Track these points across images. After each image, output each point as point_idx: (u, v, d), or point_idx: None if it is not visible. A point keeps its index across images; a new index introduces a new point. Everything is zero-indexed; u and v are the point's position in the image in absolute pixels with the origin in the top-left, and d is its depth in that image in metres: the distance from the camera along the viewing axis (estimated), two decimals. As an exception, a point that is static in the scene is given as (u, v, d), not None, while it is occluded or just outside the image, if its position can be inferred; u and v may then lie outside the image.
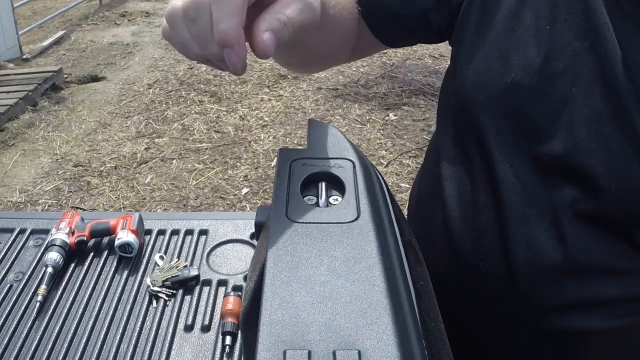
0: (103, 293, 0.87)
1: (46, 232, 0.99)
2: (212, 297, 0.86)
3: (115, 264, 0.93)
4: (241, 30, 0.40)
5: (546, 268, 0.60)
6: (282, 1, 0.44)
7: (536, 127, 0.59)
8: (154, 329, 0.81)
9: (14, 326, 0.81)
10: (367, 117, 3.78)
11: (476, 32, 0.64)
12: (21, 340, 0.79)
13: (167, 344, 0.78)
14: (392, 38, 0.73)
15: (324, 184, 0.49)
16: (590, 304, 0.60)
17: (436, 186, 0.73)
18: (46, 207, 2.98)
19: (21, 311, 0.84)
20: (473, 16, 0.64)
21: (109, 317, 0.83)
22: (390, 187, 0.69)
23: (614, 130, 0.55)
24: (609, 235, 0.57)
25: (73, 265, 0.93)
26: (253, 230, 0.98)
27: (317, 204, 0.46)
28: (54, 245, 0.91)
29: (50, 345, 0.78)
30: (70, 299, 0.86)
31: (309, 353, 0.33)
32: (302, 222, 0.44)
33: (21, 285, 0.88)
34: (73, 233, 0.95)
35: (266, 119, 3.81)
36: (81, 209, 2.94)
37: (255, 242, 0.96)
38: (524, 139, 0.60)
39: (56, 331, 0.80)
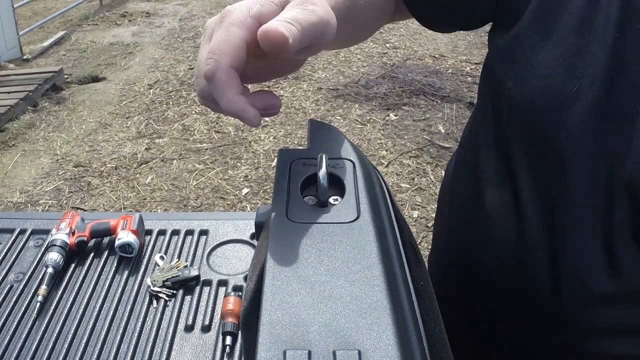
0: (103, 293, 0.87)
1: (46, 232, 0.99)
2: (212, 297, 0.86)
3: (115, 264, 0.93)
4: (240, 98, 0.43)
5: (595, 293, 0.57)
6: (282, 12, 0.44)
7: (598, 145, 0.54)
8: (155, 329, 0.81)
9: (14, 326, 0.81)
10: (368, 117, 3.78)
11: (535, 28, 0.58)
12: (21, 340, 0.79)
13: (167, 344, 0.78)
14: (435, 26, 0.73)
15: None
16: (634, 330, 0.58)
17: (474, 196, 0.68)
18: (46, 208, 2.98)
19: (21, 311, 0.84)
20: (530, 7, 0.59)
21: (109, 318, 0.83)
22: (390, 187, 0.68)
23: None
24: None
25: (73, 265, 0.93)
26: (253, 230, 0.98)
27: (317, 204, 0.46)
28: (55, 245, 0.92)
29: (50, 346, 0.78)
30: (71, 299, 0.86)
31: (309, 353, 0.33)
32: (302, 222, 0.44)
33: (21, 286, 0.88)
34: (73, 233, 0.95)
35: (266, 119, 3.81)
36: (81, 209, 2.94)
37: (255, 242, 0.96)
38: (583, 156, 0.56)
39: (56, 331, 0.80)
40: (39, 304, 0.84)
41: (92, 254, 0.95)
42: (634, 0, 0.53)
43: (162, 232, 1.01)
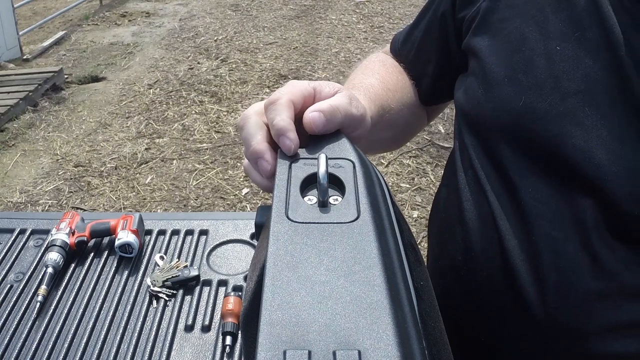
0: (103, 293, 0.87)
1: (46, 232, 0.99)
2: (212, 297, 0.86)
3: (115, 264, 0.93)
4: (290, 121, 0.49)
5: (580, 293, 0.58)
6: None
7: (553, 150, 0.58)
8: (154, 329, 0.81)
9: (14, 326, 0.81)
10: (368, 117, 3.77)
11: (489, 56, 0.63)
12: (21, 340, 0.79)
13: (167, 344, 0.78)
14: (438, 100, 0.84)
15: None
16: (627, 327, 0.58)
17: (456, 212, 0.71)
18: (46, 208, 2.98)
19: (21, 311, 0.84)
20: (484, 40, 0.64)
21: (109, 318, 0.83)
22: (390, 187, 0.68)
23: (637, 152, 0.53)
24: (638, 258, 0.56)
25: (73, 265, 0.93)
26: (253, 230, 0.98)
27: (317, 204, 0.46)
28: (54, 245, 0.92)
29: (50, 346, 0.78)
30: (71, 299, 0.86)
31: (309, 353, 0.33)
32: (302, 222, 0.44)
33: (21, 286, 0.88)
34: (73, 233, 0.95)
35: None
36: (81, 209, 2.94)
37: (255, 242, 0.96)
38: (542, 163, 0.59)
39: (56, 331, 0.80)
40: (39, 304, 0.84)
41: (92, 254, 0.95)
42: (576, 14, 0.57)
43: (162, 232, 1.01)
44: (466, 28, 0.68)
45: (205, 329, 0.81)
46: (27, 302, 0.85)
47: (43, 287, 0.86)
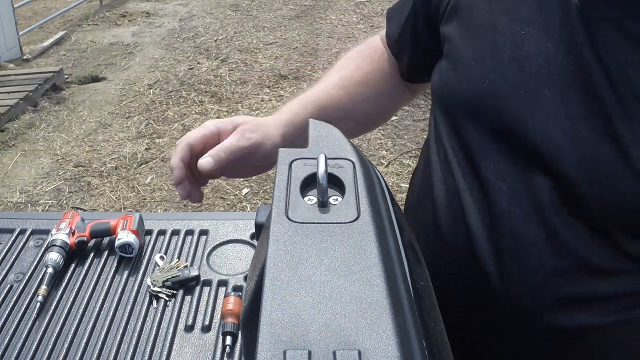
0: (103, 293, 0.87)
1: (46, 232, 0.99)
2: (212, 298, 0.86)
3: (115, 264, 0.93)
4: (180, 163, 0.75)
5: (537, 268, 0.61)
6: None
7: (514, 130, 0.60)
8: (155, 329, 0.81)
9: (14, 326, 0.81)
10: (368, 117, 3.77)
11: (459, 40, 0.67)
12: (21, 340, 0.79)
13: (167, 344, 0.78)
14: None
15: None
16: (582, 301, 0.61)
17: (427, 188, 0.74)
18: (46, 208, 2.99)
19: (21, 311, 0.84)
20: (455, 25, 0.68)
21: (109, 318, 0.83)
22: (390, 187, 0.69)
23: (593, 135, 0.55)
24: (595, 236, 0.58)
25: (73, 265, 0.93)
26: (253, 230, 0.98)
27: (317, 204, 0.46)
28: (55, 245, 0.91)
29: (50, 346, 0.78)
30: (71, 299, 0.86)
31: (309, 353, 0.33)
32: (302, 222, 0.44)
33: (21, 286, 0.88)
34: (73, 233, 0.95)
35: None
36: (81, 209, 2.94)
37: (255, 242, 0.96)
38: (503, 142, 0.62)
39: (56, 331, 0.80)
40: (39, 304, 0.84)
41: (92, 254, 0.95)
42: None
43: (162, 232, 1.01)
44: (440, 16, 0.72)
45: (205, 329, 0.81)
46: (27, 302, 0.85)
47: (43, 287, 0.86)
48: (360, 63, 0.88)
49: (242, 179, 3.15)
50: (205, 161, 0.71)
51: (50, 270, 0.88)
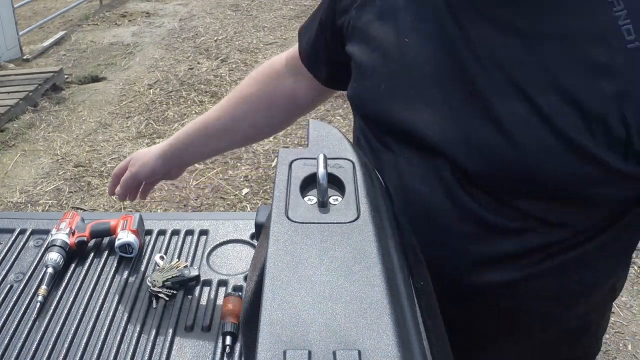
0: (103, 293, 0.87)
1: (46, 232, 0.99)
2: (212, 298, 0.87)
3: (115, 264, 0.93)
4: (112, 187, 1.09)
5: (449, 234, 0.70)
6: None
7: (410, 128, 0.69)
8: (155, 329, 0.81)
9: (14, 326, 0.81)
10: (368, 117, 3.77)
11: (360, 56, 0.75)
12: (21, 340, 0.79)
13: (167, 344, 0.78)
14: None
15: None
16: (495, 260, 0.69)
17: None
18: (46, 208, 2.99)
19: (22, 311, 0.84)
20: (355, 43, 0.76)
21: (109, 318, 0.83)
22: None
23: (474, 120, 0.63)
24: (497, 201, 0.66)
25: (73, 265, 0.93)
26: (253, 230, 0.98)
27: (317, 204, 0.46)
28: (55, 245, 0.92)
29: (50, 346, 0.78)
30: (71, 299, 0.86)
31: (309, 353, 0.33)
32: (302, 222, 0.44)
33: (21, 286, 0.88)
34: (73, 233, 0.95)
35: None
36: (81, 209, 2.94)
37: (255, 242, 0.96)
38: (403, 136, 0.70)
39: (56, 331, 0.80)
40: (39, 304, 0.84)
41: (92, 254, 0.95)
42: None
43: (162, 232, 1.01)
44: (344, 36, 0.80)
45: (205, 329, 0.81)
46: (27, 302, 0.85)
47: (43, 287, 0.86)
48: (249, 81, 1.01)
49: (242, 179, 3.15)
50: (116, 191, 1.07)
51: (50, 270, 0.88)
